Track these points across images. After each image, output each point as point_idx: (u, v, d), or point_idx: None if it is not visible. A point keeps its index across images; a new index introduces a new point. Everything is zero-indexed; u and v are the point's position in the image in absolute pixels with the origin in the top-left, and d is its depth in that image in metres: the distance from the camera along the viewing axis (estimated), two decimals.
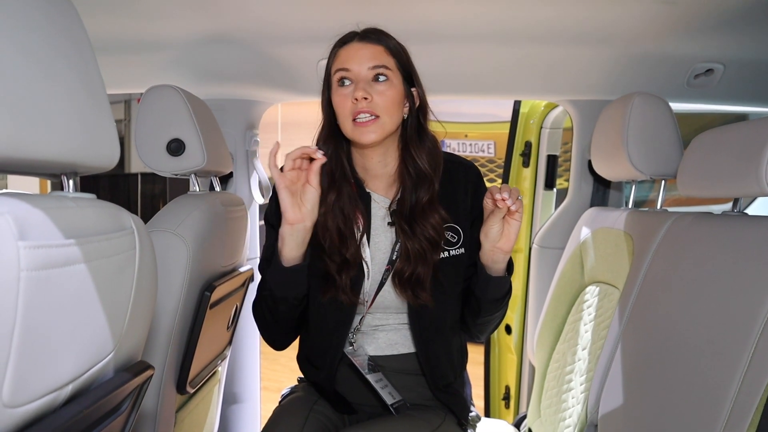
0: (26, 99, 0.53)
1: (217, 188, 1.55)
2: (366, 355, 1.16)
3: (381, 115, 1.06)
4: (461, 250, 1.14)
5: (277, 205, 1.15)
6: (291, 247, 1.05)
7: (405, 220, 1.10)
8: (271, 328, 1.17)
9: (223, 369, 1.61)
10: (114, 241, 0.63)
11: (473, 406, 1.26)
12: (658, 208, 1.41)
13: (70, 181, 0.65)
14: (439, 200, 1.11)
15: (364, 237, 1.12)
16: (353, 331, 1.15)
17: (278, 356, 1.42)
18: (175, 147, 1.25)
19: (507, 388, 2.19)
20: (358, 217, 1.12)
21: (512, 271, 1.14)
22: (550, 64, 1.61)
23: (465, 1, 1.32)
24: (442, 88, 1.70)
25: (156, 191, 8.53)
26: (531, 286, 1.97)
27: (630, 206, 1.52)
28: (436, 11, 1.38)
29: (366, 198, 1.14)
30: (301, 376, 1.28)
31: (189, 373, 1.23)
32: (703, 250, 1.03)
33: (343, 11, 1.31)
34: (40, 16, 0.58)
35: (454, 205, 1.14)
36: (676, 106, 1.45)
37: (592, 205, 1.77)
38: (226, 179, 1.77)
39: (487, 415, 2.24)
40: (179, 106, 1.25)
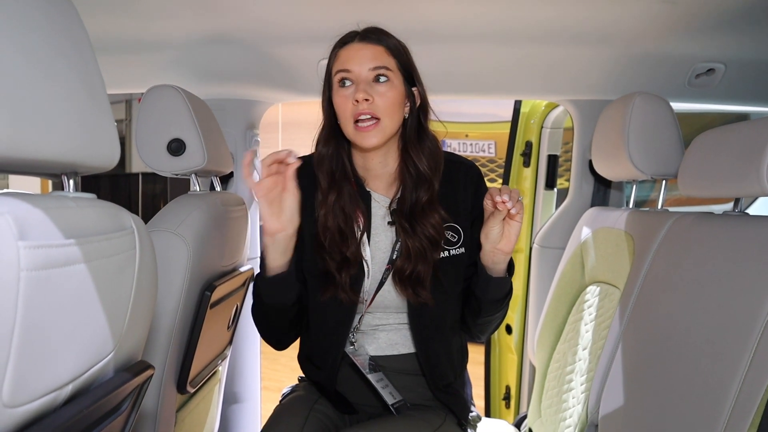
0: (26, 99, 0.53)
1: (218, 188, 1.55)
2: (367, 354, 1.15)
3: (382, 117, 1.06)
4: (461, 250, 1.13)
5: None
6: (274, 256, 1.05)
7: (405, 218, 1.10)
8: (269, 330, 1.17)
9: (223, 369, 1.61)
10: (114, 241, 0.63)
11: (473, 406, 1.26)
12: (659, 207, 1.41)
13: (71, 181, 0.65)
14: (439, 200, 1.11)
15: (364, 236, 1.12)
16: (353, 331, 1.15)
17: (279, 356, 1.42)
18: (176, 147, 1.26)
19: (507, 388, 2.19)
20: (359, 216, 1.12)
21: (513, 271, 1.13)
22: (550, 64, 1.61)
23: (465, 1, 1.32)
24: (443, 88, 1.70)
25: (157, 191, 8.54)
26: (531, 286, 1.97)
27: (631, 206, 1.52)
28: (436, 11, 1.38)
29: (366, 197, 1.14)
30: (301, 375, 1.28)
31: (189, 372, 1.23)
32: (704, 250, 1.03)
33: (344, 11, 1.31)
34: (40, 16, 0.58)
35: (455, 205, 1.14)
36: (677, 106, 1.45)
37: (592, 205, 1.77)
38: (226, 179, 1.77)
39: (488, 415, 2.24)
40: (180, 106, 1.25)
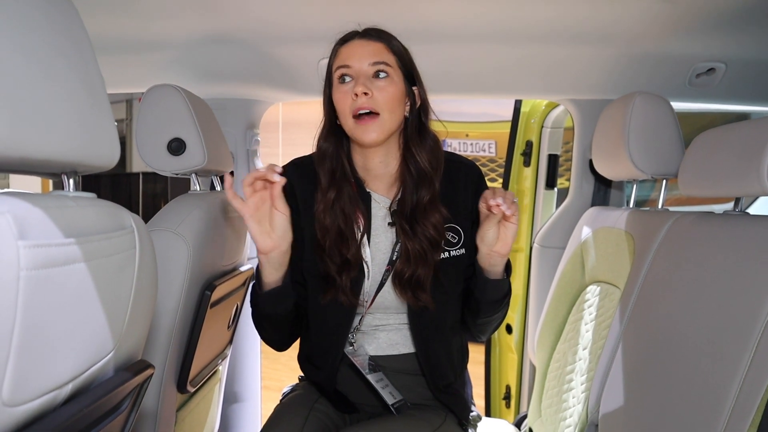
0: (26, 98, 0.53)
1: (218, 187, 1.55)
2: (366, 355, 1.15)
3: (381, 111, 1.06)
4: (462, 251, 1.13)
5: None
6: (269, 272, 1.05)
7: (406, 220, 1.10)
8: (269, 335, 1.17)
9: (223, 368, 1.62)
10: (114, 240, 0.63)
11: (474, 406, 1.26)
12: (660, 207, 1.41)
13: (71, 181, 0.65)
14: (440, 200, 1.11)
15: (364, 237, 1.11)
16: (353, 331, 1.15)
17: (279, 355, 1.42)
18: (176, 146, 1.26)
19: (508, 388, 2.18)
20: (359, 217, 1.11)
21: (510, 272, 1.13)
22: (551, 64, 1.61)
23: (466, 1, 1.32)
24: (443, 88, 1.70)
25: (157, 190, 8.54)
26: (532, 285, 1.97)
27: (631, 206, 1.52)
28: (436, 11, 1.38)
29: (366, 198, 1.14)
30: (302, 374, 1.28)
31: (189, 372, 1.23)
32: (704, 250, 1.03)
33: (344, 11, 1.31)
34: (40, 16, 0.58)
35: (455, 205, 1.13)
36: (678, 106, 1.45)
37: (593, 205, 1.77)
38: None
39: (488, 415, 2.24)
40: (180, 106, 1.25)
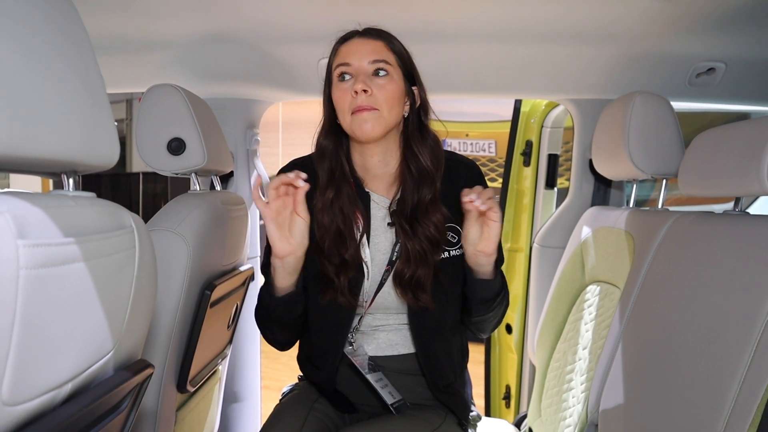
0: (26, 98, 0.53)
1: (218, 187, 1.55)
2: (366, 354, 1.15)
3: (381, 108, 1.05)
4: (461, 251, 1.12)
5: None
6: (282, 276, 1.05)
7: (406, 219, 1.10)
8: (275, 336, 1.17)
9: (223, 368, 1.62)
10: (113, 240, 0.63)
11: (474, 406, 1.26)
12: (659, 207, 1.41)
13: (70, 180, 0.65)
14: (440, 199, 1.11)
15: (363, 237, 1.11)
16: (352, 331, 1.15)
17: (279, 355, 1.42)
18: (176, 146, 1.26)
19: (507, 388, 2.18)
20: (358, 217, 1.11)
21: (501, 266, 1.13)
22: (551, 63, 1.61)
23: (465, 1, 1.32)
24: (443, 88, 1.70)
25: (157, 190, 8.55)
26: (532, 285, 1.97)
27: (631, 205, 1.52)
28: (436, 10, 1.38)
29: (365, 198, 1.13)
30: (301, 374, 1.28)
31: (189, 371, 1.23)
32: (704, 250, 1.03)
33: (344, 10, 1.31)
34: (39, 15, 0.58)
35: (455, 205, 1.13)
36: (678, 105, 1.45)
37: (593, 205, 1.77)
38: (226, 178, 1.77)
39: (488, 415, 2.24)
40: (180, 106, 1.25)
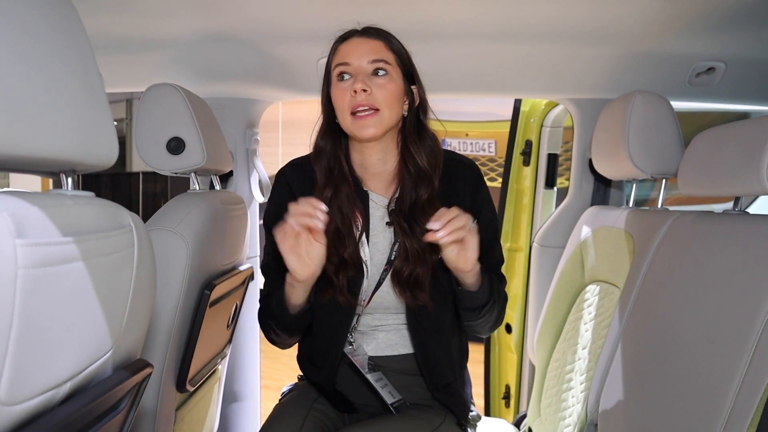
0: (24, 97, 0.53)
1: (217, 187, 1.55)
2: (366, 354, 1.15)
3: (380, 108, 1.05)
4: None
5: (275, 208, 1.15)
6: (298, 295, 1.06)
7: (404, 218, 1.09)
8: (282, 339, 1.18)
9: (223, 367, 1.61)
10: (112, 239, 0.63)
11: (473, 405, 1.26)
12: (659, 206, 1.41)
13: (69, 179, 0.64)
14: (438, 198, 1.11)
15: (363, 236, 1.11)
16: (351, 331, 1.14)
17: (279, 355, 1.42)
18: (175, 145, 1.25)
19: (507, 387, 2.18)
20: (357, 217, 1.11)
21: (499, 269, 1.16)
22: (551, 63, 1.61)
23: (465, 1, 1.32)
24: (443, 87, 1.70)
25: (157, 190, 8.55)
26: (531, 285, 1.97)
27: (631, 205, 1.52)
28: (436, 10, 1.38)
29: (364, 197, 1.13)
30: (301, 374, 1.28)
31: (189, 371, 1.23)
32: (704, 249, 1.03)
33: (344, 9, 1.31)
34: (38, 15, 0.57)
35: (454, 204, 1.12)
36: (677, 105, 1.45)
37: (592, 204, 1.77)
38: (226, 178, 1.77)
39: (487, 414, 2.24)
40: (179, 105, 1.25)
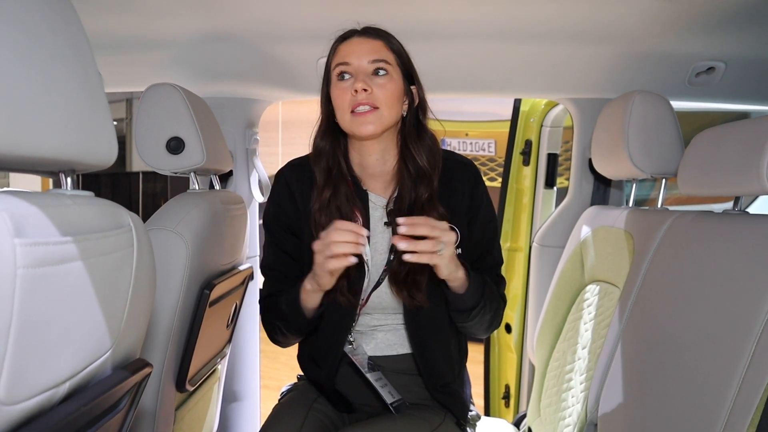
0: (23, 96, 0.53)
1: (217, 186, 1.54)
2: (365, 354, 1.15)
3: (380, 106, 1.05)
4: (458, 251, 1.12)
5: (274, 208, 1.15)
6: (316, 300, 1.07)
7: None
8: (287, 339, 1.18)
9: (222, 367, 1.61)
10: (111, 239, 0.63)
11: (473, 405, 1.26)
12: (659, 206, 1.41)
13: (68, 179, 0.64)
14: (437, 198, 1.11)
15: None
16: (351, 331, 1.14)
17: (278, 355, 1.42)
18: (175, 145, 1.25)
19: (507, 387, 2.18)
20: (357, 217, 1.11)
21: (499, 270, 1.17)
22: (551, 63, 1.61)
23: (466, 1, 1.32)
24: (443, 87, 1.70)
25: (157, 189, 8.56)
26: (531, 284, 1.97)
27: (630, 205, 1.52)
28: (436, 9, 1.38)
29: (363, 197, 1.13)
30: (301, 374, 1.28)
31: (188, 371, 1.23)
32: (704, 249, 1.03)
33: (343, 9, 1.31)
34: (38, 14, 0.57)
35: (452, 204, 1.13)
36: (677, 105, 1.45)
37: (592, 204, 1.77)
38: (225, 177, 1.77)
39: (487, 414, 2.24)
40: (179, 105, 1.25)
